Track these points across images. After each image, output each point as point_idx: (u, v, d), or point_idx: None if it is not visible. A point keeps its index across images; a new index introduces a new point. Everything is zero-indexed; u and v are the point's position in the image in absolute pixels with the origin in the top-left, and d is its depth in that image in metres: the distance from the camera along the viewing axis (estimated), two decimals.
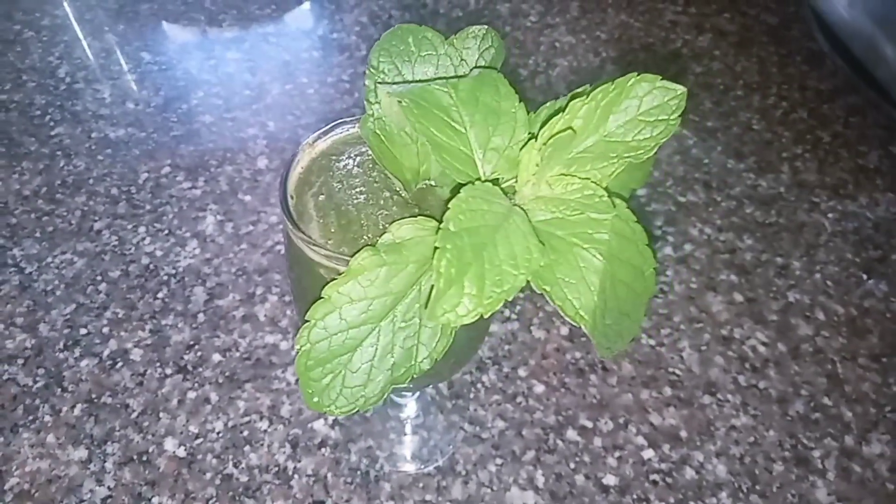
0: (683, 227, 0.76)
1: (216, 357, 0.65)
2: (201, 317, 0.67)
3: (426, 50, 0.35)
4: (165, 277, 0.70)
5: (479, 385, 0.64)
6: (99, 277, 0.70)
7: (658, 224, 0.77)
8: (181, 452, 0.59)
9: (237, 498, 0.57)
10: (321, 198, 0.37)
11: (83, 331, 0.66)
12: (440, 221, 0.28)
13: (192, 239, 0.73)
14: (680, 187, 0.80)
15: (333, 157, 0.39)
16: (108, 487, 0.57)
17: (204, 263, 0.71)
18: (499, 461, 0.59)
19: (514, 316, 0.68)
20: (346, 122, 0.39)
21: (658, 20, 1.01)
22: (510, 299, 0.26)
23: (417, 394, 0.62)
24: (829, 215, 0.78)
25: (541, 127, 0.28)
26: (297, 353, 0.31)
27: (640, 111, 0.28)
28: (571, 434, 0.61)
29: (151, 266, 0.71)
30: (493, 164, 0.31)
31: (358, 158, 0.38)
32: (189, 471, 0.58)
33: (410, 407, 0.63)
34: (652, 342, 0.67)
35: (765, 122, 0.87)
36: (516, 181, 0.30)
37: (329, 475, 0.58)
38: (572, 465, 0.59)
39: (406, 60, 0.35)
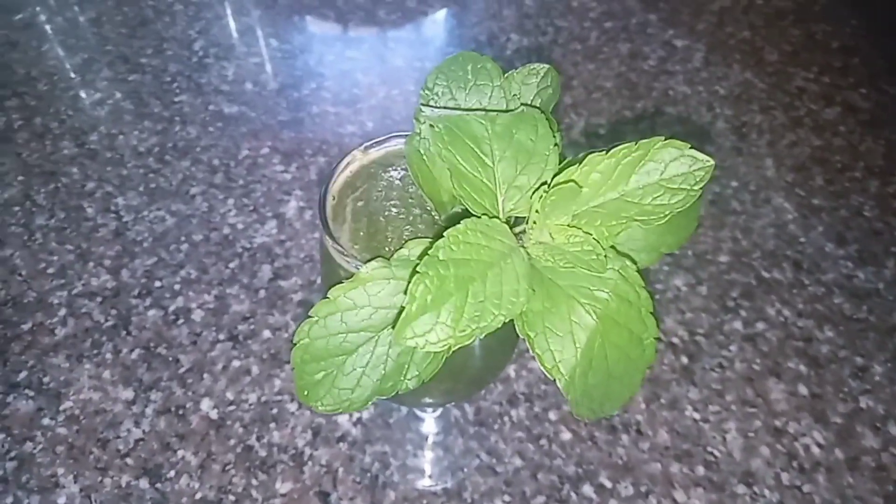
0: (760, 304, 0.72)
1: (266, 333, 0.68)
2: (262, 293, 0.71)
3: (482, 80, 0.35)
4: (240, 250, 0.74)
5: (505, 418, 0.63)
6: (183, 238, 0.75)
7: (733, 295, 0.73)
8: (214, 415, 0.62)
9: (251, 470, 0.59)
10: (360, 203, 0.38)
11: (157, 283, 0.71)
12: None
13: (273, 219, 0.77)
14: (767, 262, 0.76)
15: (382, 167, 0.40)
16: (143, 431, 0.61)
17: (277, 244, 0.75)
18: (507, 498, 0.58)
19: None
20: (401, 136, 0.41)
21: (785, 84, 0.96)
22: (482, 336, 0.26)
23: (440, 411, 0.62)
24: None
25: (555, 175, 0.28)
26: (295, 345, 0.33)
27: (662, 176, 0.27)
28: (587, 490, 0.59)
29: (230, 237, 0.75)
30: (514, 202, 0.31)
31: (402, 173, 0.39)
32: (216, 434, 0.61)
33: (432, 423, 0.63)
34: (696, 416, 0.64)
35: (878, 210, 0.81)
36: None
37: (341, 470, 0.59)
38: None
39: (461, 87, 0.35)
